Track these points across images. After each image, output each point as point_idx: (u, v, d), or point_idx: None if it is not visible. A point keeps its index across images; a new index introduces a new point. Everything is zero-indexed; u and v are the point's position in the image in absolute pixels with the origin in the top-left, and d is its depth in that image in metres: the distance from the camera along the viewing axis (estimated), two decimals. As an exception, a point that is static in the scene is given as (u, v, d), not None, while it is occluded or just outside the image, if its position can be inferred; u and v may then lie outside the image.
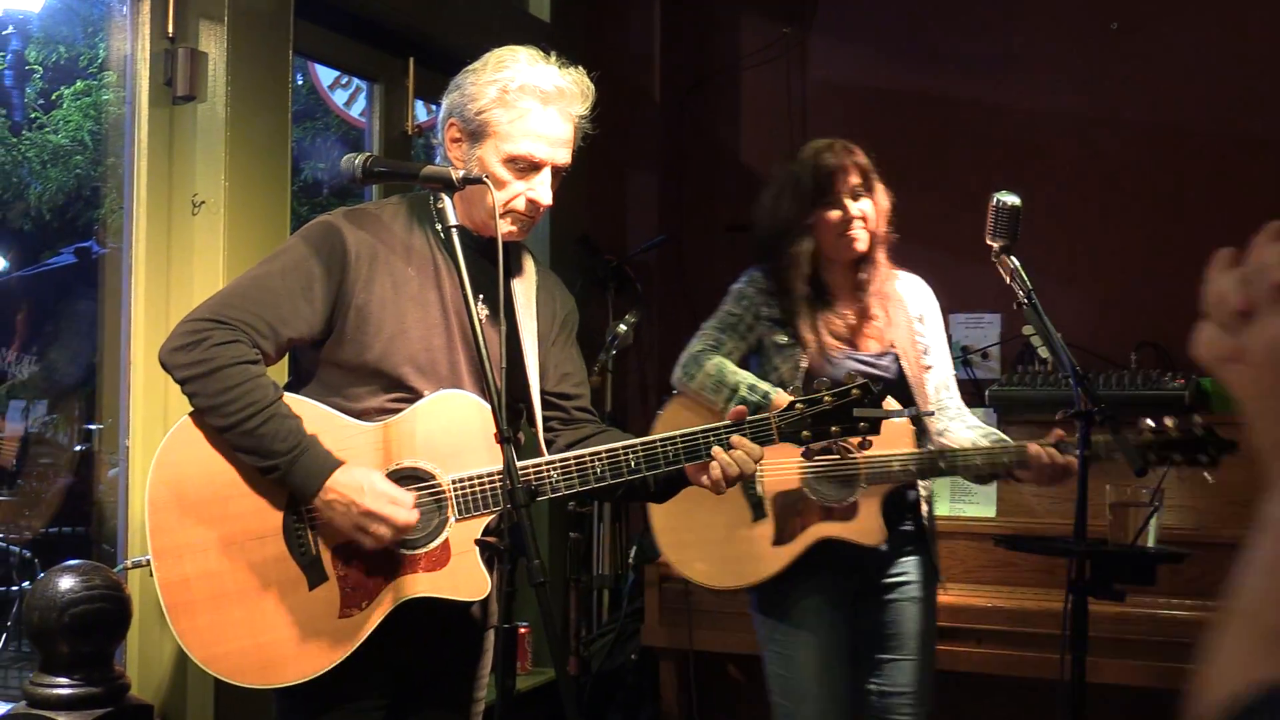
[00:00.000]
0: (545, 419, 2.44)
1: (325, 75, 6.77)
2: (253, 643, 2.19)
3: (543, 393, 2.43)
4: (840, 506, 2.87)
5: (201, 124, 3.11)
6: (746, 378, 2.90)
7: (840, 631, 2.93)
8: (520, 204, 2.32)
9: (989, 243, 2.83)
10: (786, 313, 2.95)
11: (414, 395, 2.25)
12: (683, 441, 2.26)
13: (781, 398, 2.79)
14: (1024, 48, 4.55)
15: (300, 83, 7.16)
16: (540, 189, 2.32)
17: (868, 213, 2.93)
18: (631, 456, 2.25)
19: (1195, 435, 2.61)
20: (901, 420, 2.85)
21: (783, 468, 2.92)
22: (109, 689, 2.00)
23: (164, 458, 2.22)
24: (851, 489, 2.86)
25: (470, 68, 2.36)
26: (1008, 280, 2.94)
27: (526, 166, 2.30)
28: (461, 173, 2.22)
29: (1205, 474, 2.64)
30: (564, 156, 2.35)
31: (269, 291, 2.23)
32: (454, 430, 2.24)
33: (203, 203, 3.10)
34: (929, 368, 3.00)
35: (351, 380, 2.27)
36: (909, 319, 3.02)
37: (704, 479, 2.29)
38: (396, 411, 2.24)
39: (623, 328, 4.43)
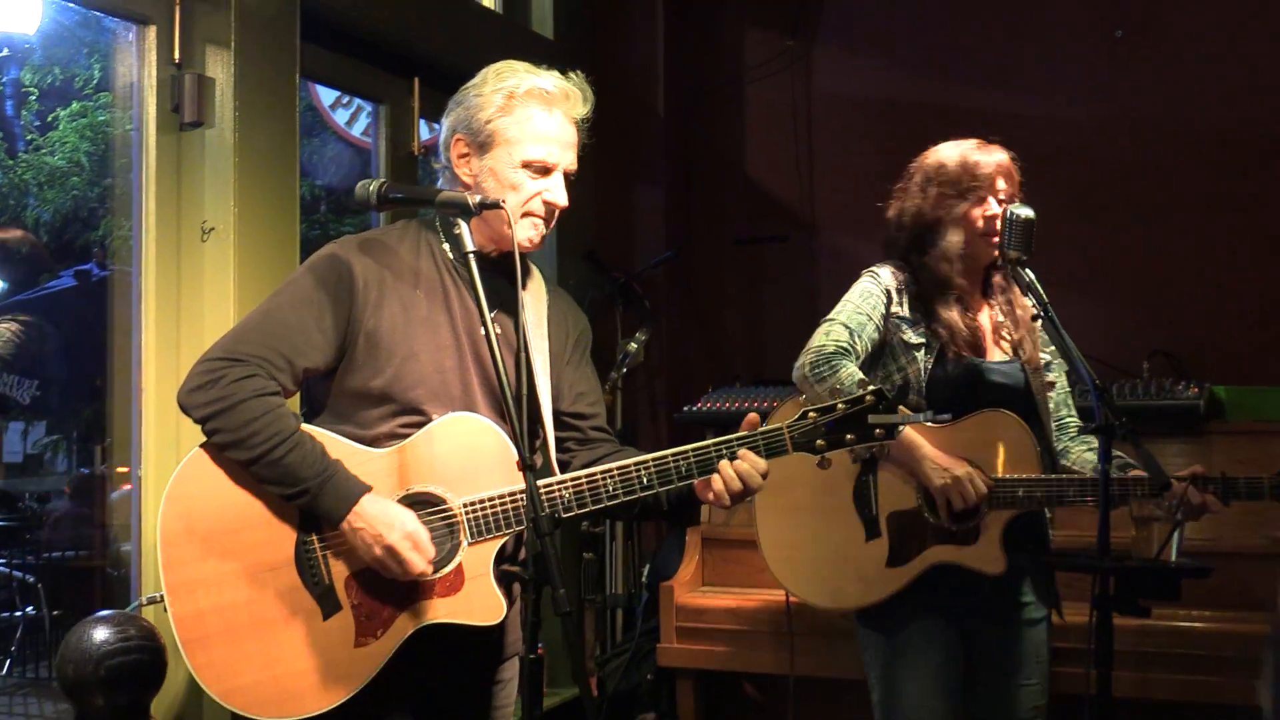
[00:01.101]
0: (560, 439, 2.42)
1: (326, 95, 6.75)
2: (269, 675, 2.16)
3: (558, 413, 2.41)
4: (960, 530, 2.81)
5: (210, 150, 3.10)
6: None
7: (953, 658, 2.85)
8: (537, 205, 2.32)
9: (1003, 255, 2.81)
10: (926, 311, 2.88)
11: (426, 419, 2.24)
12: (695, 456, 2.23)
13: (910, 432, 2.75)
14: (1029, 57, 4.54)
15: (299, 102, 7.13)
16: (556, 190, 2.34)
17: None
18: (644, 473, 2.23)
19: None
20: (1027, 444, 2.79)
21: (900, 485, 2.86)
22: (147, 743, 1.98)
23: (175, 491, 2.20)
24: (973, 513, 2.79)
25: (470, 84, 2.37)
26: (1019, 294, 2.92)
27: (539, 170, 2.31)
28: (479, 198, 2.21)
29: None
30: (571, 159, 2.36)
31: (281, 325, 2.22)
32: (465, 453, 2.22)
33: (212, 229, 3.09)
34: (1052, 382, 2.94)
35: (364, 406, 2.26)
36: (1033, 331, 2.94)
37: (709, 495, 2.25)
38: (409, 436, 2.23)
39: (633, 346, 4.41)
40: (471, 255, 2.17)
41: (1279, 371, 4.00)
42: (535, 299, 2.43)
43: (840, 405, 2.25)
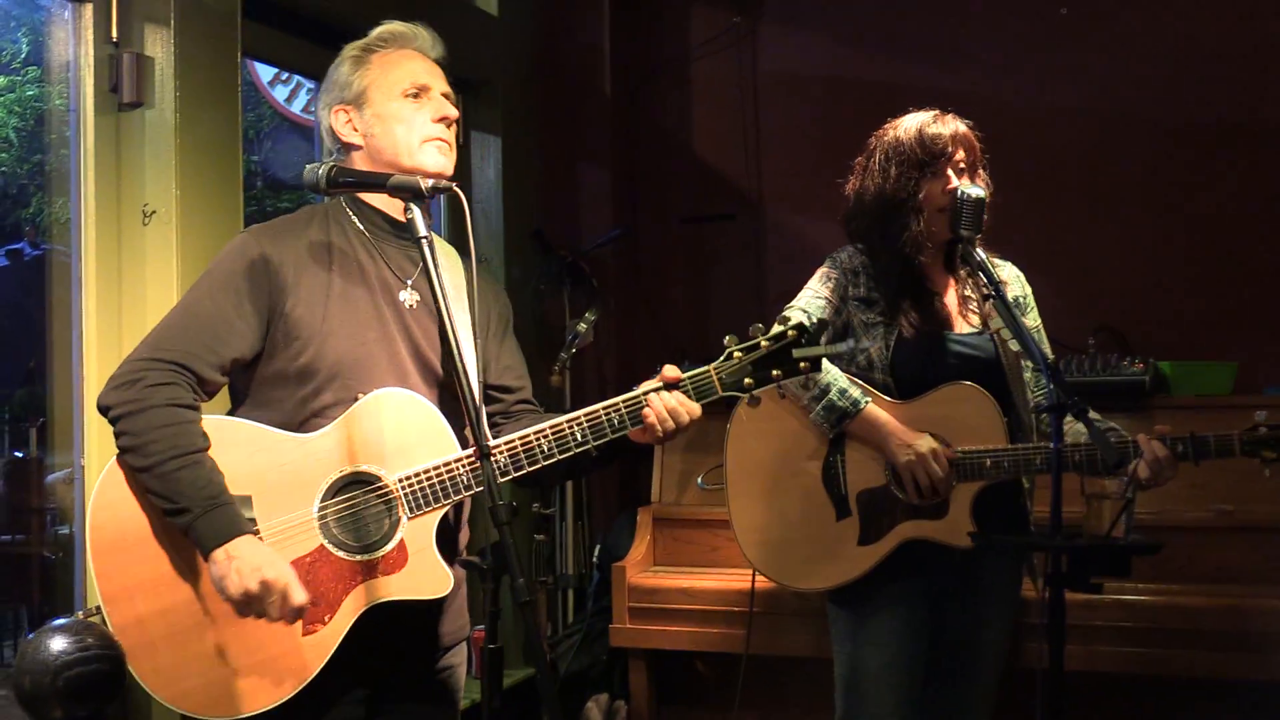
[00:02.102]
0: (488, 414, 2.41)
1: (264, 70, 6.65)
2: (218, 674, 2.13)
3: (485, 385, 2.39)
4: (928, 505, 2.82)
5: (150, 131, 3.03)
6: (839, 379, 2.83)
7: (918, 636, 2.87)
8: (431, 128, 2.32)
9: (954, 234, 2.82)
10: (884, 291, 2.88)
11: (352, 394, 2.21)
12: (626, 406, 2.24)
13: (873, 409, 2.74)
14: (975, 35, 4.56)
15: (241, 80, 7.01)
16: (442, 105, 2.35)
17: None
18: (577, 429, 2.22)
19: None
20: (992, 414, 2.80)
21: (868, 464, 2.86)
22: (108, 754, 1.94)
23: (100, 500, 2.15)
24: (935, 491, 2.80)
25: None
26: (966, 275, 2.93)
27: (417, 93, 2.34)
28: (431, 182, 2.19)
29: None
30: (444, 85, 2.38)
31: (201, 318, 2.19)
32: (394, 428, 2.19)
33: (154, 212, 3.02)
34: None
35: (287, 390, 2.23)
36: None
37: (642, 436, 2.27)
38: (336, 414, 2.20)
39: (582, 326, 4.39)
40: (424, 240, 2.15)
41: (1221, 346, 4.06)
42: (451, 270, 2.41)
43: (764, 342, 2.26)
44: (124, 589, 2.13)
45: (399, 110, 2.32)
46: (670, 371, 2.26)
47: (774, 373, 2.25)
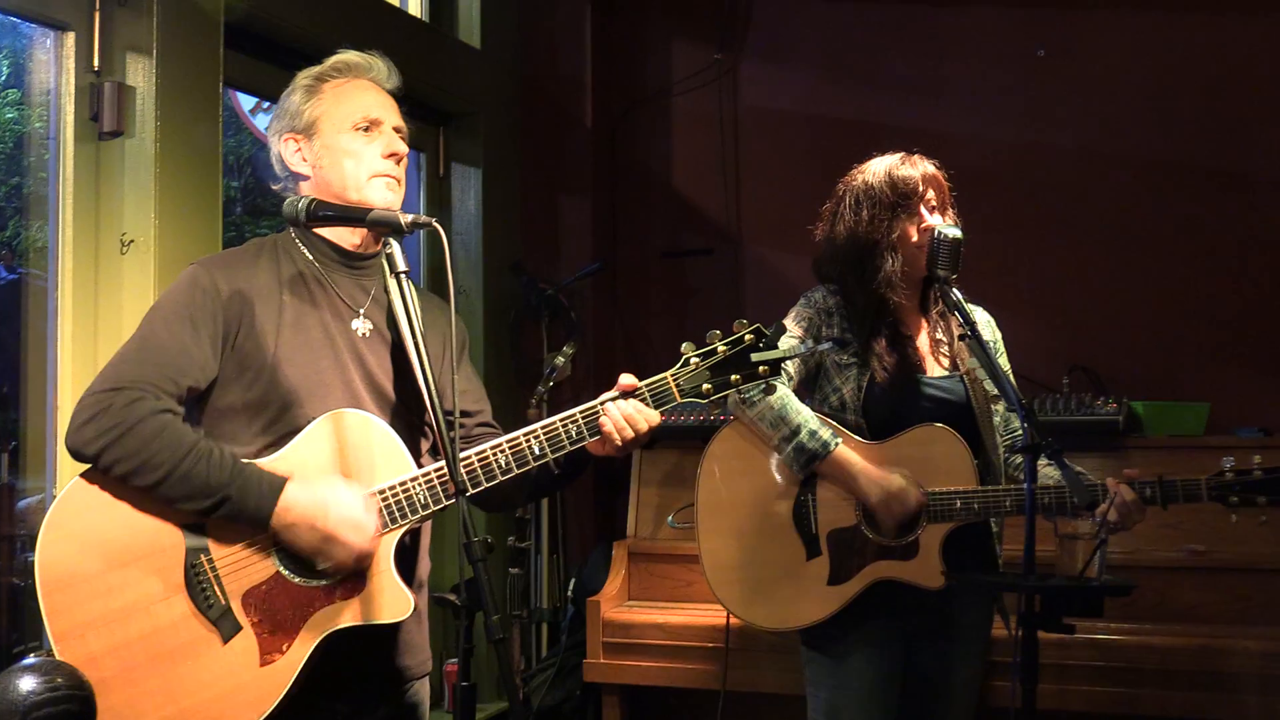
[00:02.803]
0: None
1: (246, 99, 6.64)
2: (174, 710, 2.09)
3: (445, 412, 2.38)
4: (899, 545, 2.83)
5: (130, 160, 3.02)
6: (809, 420, 2.82)
7: (891, 678, 2.87)
8: (379, 164, 2.31)
9: (931, 274, 2.84)
10: (858, 332, 2.88)
11: (306, 422, 2.20)
12: (583, 417, 2.23)
13: (843, 451, 2.75)
14: (954, 74, 4.60)
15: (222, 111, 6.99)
16: (392, 141, 2.33)
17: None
18: (534, 442, 2.22)
19: None
20: (963, 456, 2.81)
21: (838, 503, 2.86)
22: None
23: (48, 536, 2.11)
24: (911, 527, 2.81)
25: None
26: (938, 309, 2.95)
27: (368, 128, 2.32)
28: (411, 218, 2.19)
29: None
30: (396, 119, 2.37)
31: (157, 349, 2.17)
32: (349, 448, 2.18)
33: (131, 241, 3.01)
34: (996, 396, 2.93)
35: (240, 421, 2.22)
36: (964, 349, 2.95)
37: (601, 448, 2.26)
38: (290, 443, 2.19)
39: (560, 359, 4.40)
40: (403, 275, 2.17)
41: (1195, 387, 4.09)
42: (412, 303, 2.40)
43: (721, 347, 2.24)
44: (75, 627, 2.09)
45: (348, 144, 2.30)
46: (626, 380, 2.25)
47: (733, 378, 2.24)
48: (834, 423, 2.87)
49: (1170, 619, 3.55)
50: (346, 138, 2.30)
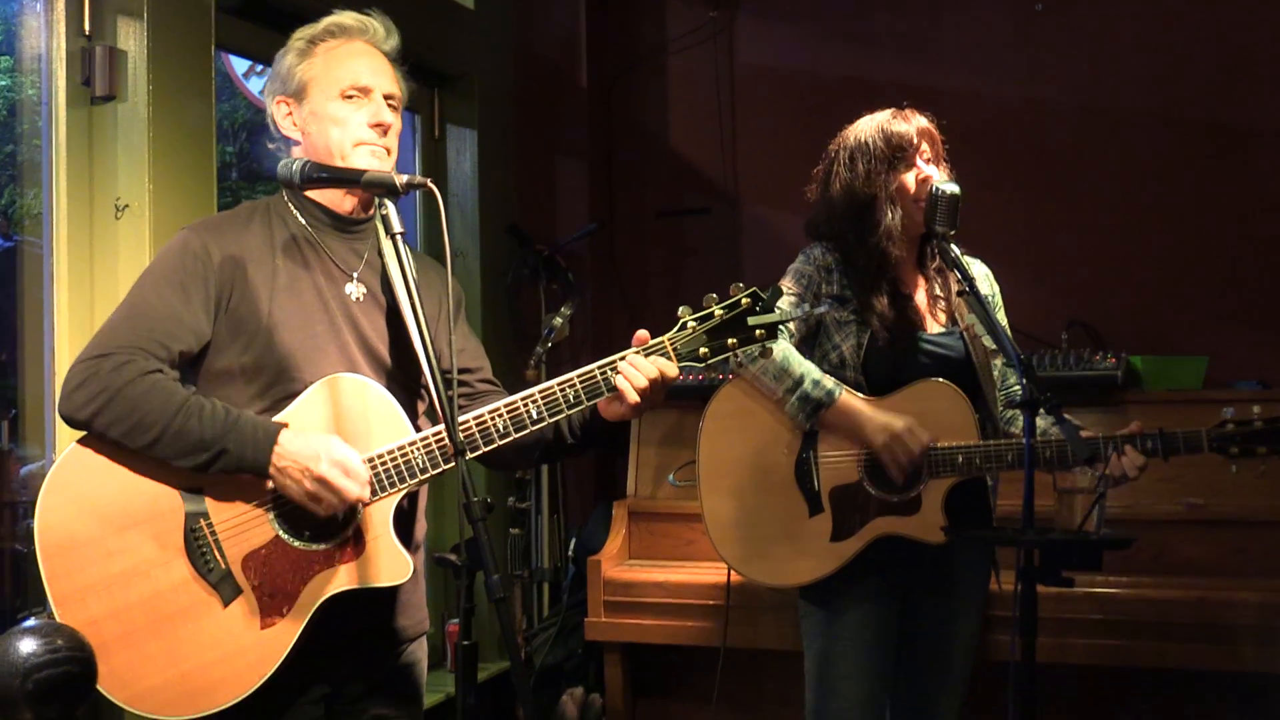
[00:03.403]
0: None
1: (239, 62, 6.60)
2: (175, 673, 2.11)
3: (443, 372, 2.38)
4: (901, 501, 2.83)
5: (123, 125, 3.01)
6: (811, 370, 2.83)
7: (888, 631, 2.89)
8: (365, 132, 2.28)
9: (929, 231, 2.84)
10: (857, 286, 2.87)
11: (302, 386, 2.20)
12: (581, 381, 2.21)
13: (848, 398, 2.74)
14: (952, 29, 4.57)
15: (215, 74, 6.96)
16: (380, 110, 2.30)
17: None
18: (531, 406, 2.20)
19: None
20: (964, 411, 2.80)
21: (840, 460, 2.87)
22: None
23: (48, 501, 2.13)
24: (913, 482, 2.81)
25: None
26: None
27: (356, 95, 2.29)
28: (405, 178, 2.17)
29: None
30: (388, 85, 2.33)
31: (147, 314, 2.17)
32: (347, 414, 2.18)
33: (126, 206, 3.00)
34: (995, 350, 2.91)
35: (235, 385, 2.21)
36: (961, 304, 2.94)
37: (617, 406, 2.24)
38: (285, 408, 2.19)
39: (558, 320, 4.39)
40: (398, 236, 2.15)
41: (1193, 341, 4.09)
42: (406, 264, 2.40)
43: (718, 311, 2.22)
44: (75, 591, 2.10)
45: (335, 111, 2.28)
46: (643, 334, 2.24)
47: (729, 341, 2.22)
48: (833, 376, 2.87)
49: (1168, 572, 3.56)
50: (334, 105, 2.28)
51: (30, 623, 1.90)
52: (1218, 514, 3.59)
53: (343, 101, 2.28)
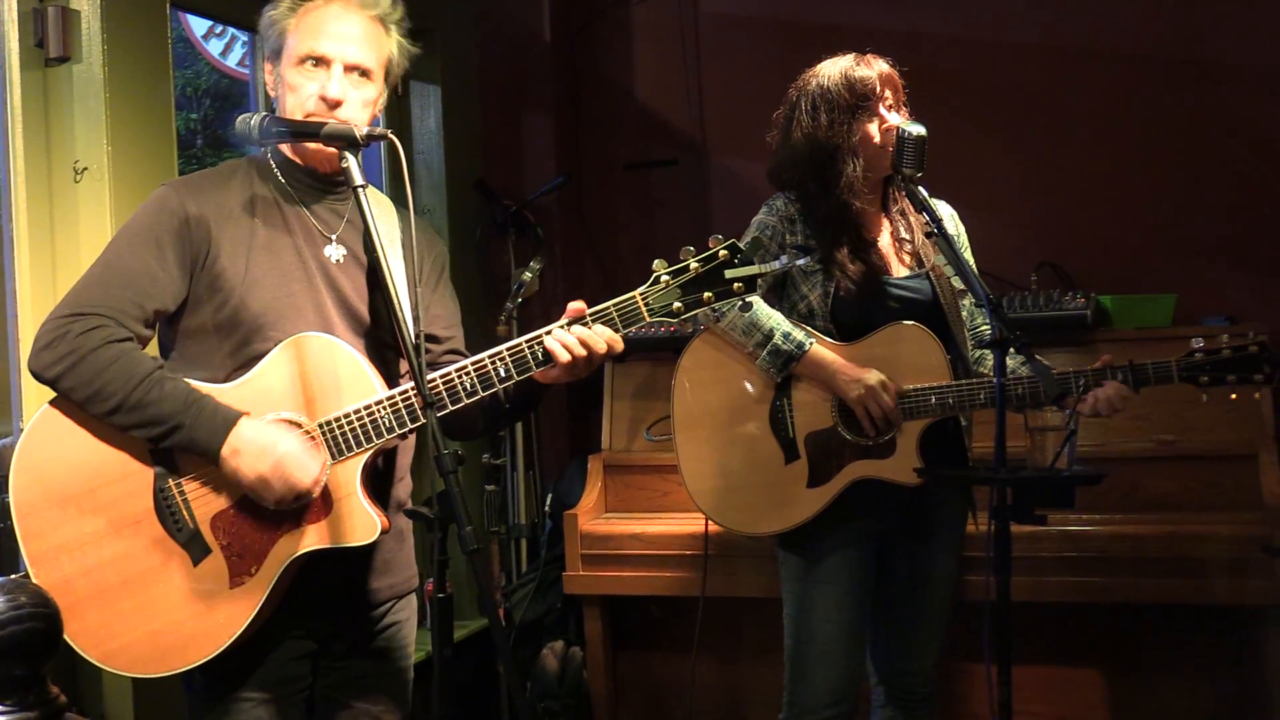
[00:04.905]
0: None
1: (198, 25, 6.52)
2: (146, 631, 2.13)
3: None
4: (876, 444, 2.84)
5: (78, 86, 2.96)
6: (781, 323, 2.83)
7: (866, 575, 2.90)
8: (312, 104, 2.24)
9: (896, 172, 2.83)
10: (821, 237, 2.86)
11: (275, 345, 2.19)
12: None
13: (818, 349, 2.73)
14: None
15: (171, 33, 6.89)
16: (330, 84, 2.24)
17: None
18: (499, 364, 2.16)
19: (1250, 353, 2.67)
20: (935, 352, 2.81)
21: (814, 406, 2.87)
22: (46, 711, 1.92)
23: (22, 460, 2.15)
24: (888, 425, 2.81)
25: None
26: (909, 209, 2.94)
27: (315, 64, 2.25)
28: (365, 130, 2.16)
29: (1256, 394, 2.71)
30: (355, 54, 2.26)
31: (122, 271, 2.16)
32: (312, 373, 2.16)
33: (85, 169, 2.96)
34: (963, 291, 2.93)
35: (212, 343, 2.21)
36: (927, 245, 2.94)
37: (551, 371, 2.19)
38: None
39: (527, 275, 4.38)
40: (360, 189, 2.14)
41: (1161, 279, 4.10)
42: (385, 220, 2.37)
43: (694, 264, 2.16)
44: (49, 550, 2.13)
45: (293, 78, 2.25)
46: (576, 306, 2.19)
47: (705, 295, 2.16)
48: (805, 326, 2.87)
49: (1141, 508, 3.60)
50: (292, 72, 2.26)
51: (-9, 580, 1.91)
52: (1188, 449, 3.62)
53: (299, 68, 2.25)
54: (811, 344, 2.82)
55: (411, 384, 2.12)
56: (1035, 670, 3.67)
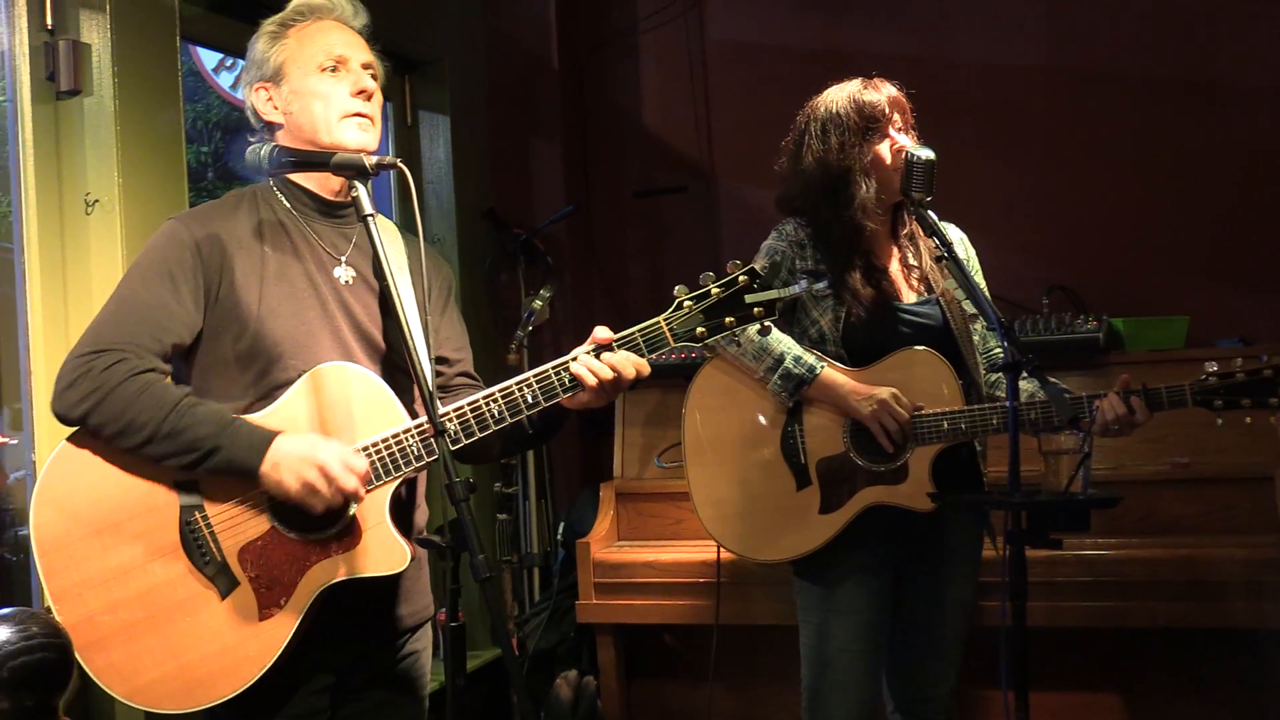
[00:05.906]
0: None
1: (209, 58, 6.56)
2: (175, 666, 2.10)
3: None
4: (888, 470, 2.82)
5: (89, 119, 2.98)
6: (791, 348, 2.82)
7: (883, 604, 2.87)
8: (349, 102, 2.27)
9: (905, 197, 2.82)
10: (832, 261, 2.86)
11: (296, 374, 2.19)
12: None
13: (830, 372, 2.73)
14: (922, -2, 4.55)
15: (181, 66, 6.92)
16: (362, 77, 2.29)
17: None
18: (526, 391, 2.18)
19: (1264, 376, 2.65)
20: (948, 377, 2.80)
21: (826, 432, 2.86)
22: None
23: (43, 495, 2.12)
24: (899, 451, 2.81)
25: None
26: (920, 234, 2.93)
27: (335, 67, 2.28)
28: (375, 159, 2.16)
29: (1272, 418, 2.67)
30: (365, 55, 2.33)
31: (137, 307, 2.16)
32: (341, 403, 2.16)
33: (96, 201, 2.98)
34: (975, 315, 2.91)
35: (230, 375, 2.20)
36: (936, 270, 2.92)
37: (581, 397, 2.20)
38: (281, 395, 2.17)
39: (538, 303, 4.38)
40: (370, 218, 2.13)
41: (1173, 301, 4.09)
42: (393, 246, 2.38)
43: (715, 289, 2.19)
44: (72, 586, 2.10)
45: (316, 85, 2.27)
46: (601, 333, 2.21)
47: (727, 319, 2.19)
48: (815, 350, 2.86)
49: (1156, 531, 3.57)
50: (314, 79, 2.27)
51: (3, 611, 1.89)
52: (1204, 472, 3.60)
53: (322, 75, 2.27)
54: (823, 367, 2.81)
55: (441, 411, 2.13)
56: (1053, 696, 3.65)
